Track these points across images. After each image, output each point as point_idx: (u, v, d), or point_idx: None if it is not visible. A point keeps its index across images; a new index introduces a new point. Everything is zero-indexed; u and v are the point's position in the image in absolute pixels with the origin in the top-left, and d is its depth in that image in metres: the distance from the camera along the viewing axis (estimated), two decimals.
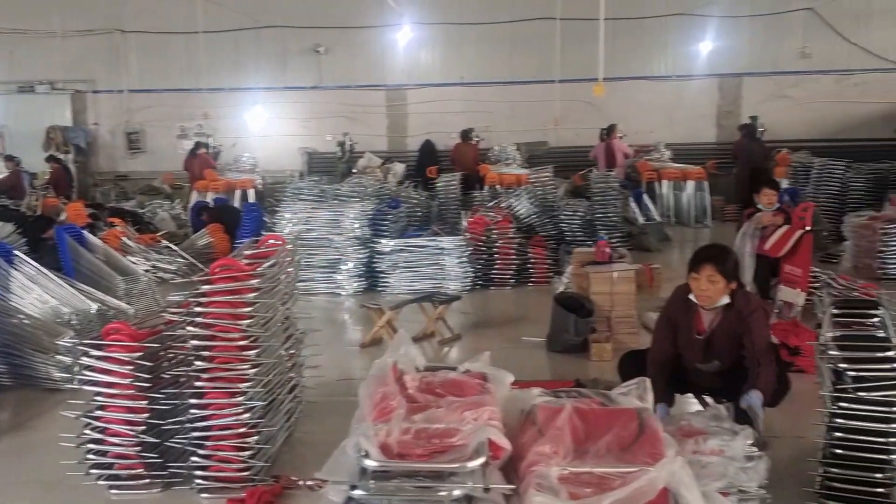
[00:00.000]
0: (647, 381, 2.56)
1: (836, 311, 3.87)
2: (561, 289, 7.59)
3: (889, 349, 3.46)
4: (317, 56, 17.28)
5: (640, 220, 12.26)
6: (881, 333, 3.68)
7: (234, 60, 17.29)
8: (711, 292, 3.81)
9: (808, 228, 6.56)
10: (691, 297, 3.91)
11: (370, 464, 2.12)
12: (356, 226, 9.00)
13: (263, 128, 17.51)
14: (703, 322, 3.93)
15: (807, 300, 6.30)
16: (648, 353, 4.13)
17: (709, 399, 3.58)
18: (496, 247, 9.19)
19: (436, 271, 8.94)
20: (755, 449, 3.12)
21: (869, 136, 15.47)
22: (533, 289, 9.15)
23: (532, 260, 9.35)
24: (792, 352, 5.53)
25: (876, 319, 3.82)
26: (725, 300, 3.85)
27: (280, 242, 4.58)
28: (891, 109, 14.92)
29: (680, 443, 3.09)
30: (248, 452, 3.90)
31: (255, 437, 3.93)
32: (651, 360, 4.04)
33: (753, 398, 3.65)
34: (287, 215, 9.25)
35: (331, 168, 16.47)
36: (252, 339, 3.88)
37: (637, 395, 2.41)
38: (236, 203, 13.43)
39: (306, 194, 10.12)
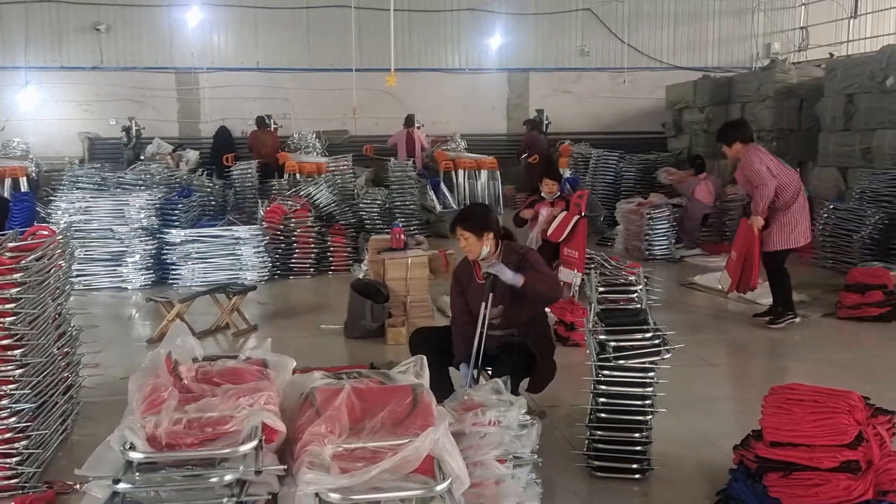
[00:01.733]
0: (424, 359, 2.68)
1: (601, 290, 4.25)
2: (360, 275, 7.67)
3: (643, 322, 3.85)
4: (97, 34, 16.08)
5: (438, 207, 12.65)
6: (638, 307, 4.10)
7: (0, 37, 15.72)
8: (470, 246, 4.20)
9: (582, 214, 7.09)
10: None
11: (135, 455, 2.04)
12: (142, 216, 8.52)
13: (36, 110, 16.06)
14: (479, 271, 4.26)
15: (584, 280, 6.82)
16: (451, 320, 4.36)
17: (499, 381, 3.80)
18: (294, 236, 9.10)
19: (232, 262, 8.69)
20: (528, 417, 3.36)
21: (639, 130, 16.95)
22: (333, 277, 9.16)
23: (331, 248, 9.35)
24: (568, 327, 5.98)
25: (634, 295, 4.25)
26: (486, 250, 4.21)
27: (48, 234, 4.25)
28: (658, 105, 16.43)
29: (461, 416, 3.28)
30: (15, 459, 3.62)
31: (24, 442, 3.65)
32: (453, 324, 4.34)
33: (506, 271, 4.03)
34: (63, 205, 8.56)
35: (116, 155, 15.46)
36: (16, 337, 3.59)
37: (414, 372, 2.52)
38: (5, 193, 12.23)
39: (85, 182, 9.44)
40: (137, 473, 2.08)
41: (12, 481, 3.62)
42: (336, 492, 2.07)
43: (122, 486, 2.05)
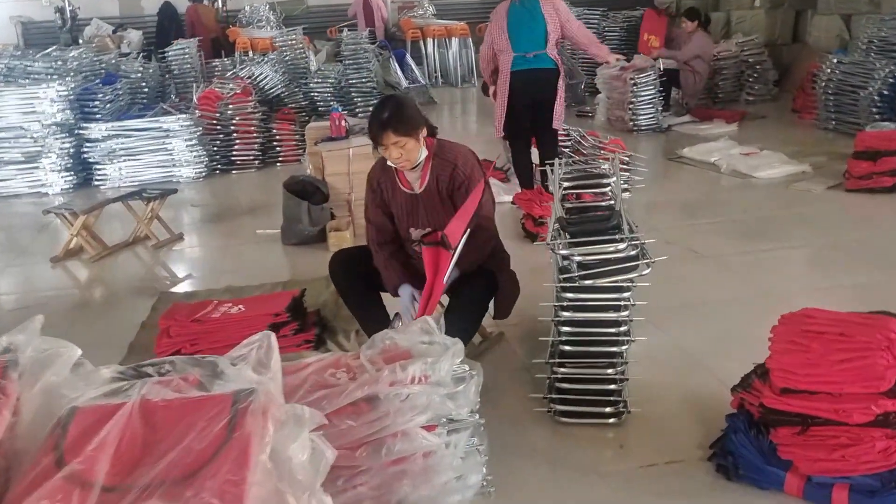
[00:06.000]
0: (273, 337, 1.83)
1: (567, 185, 3.37)
2: (309, 170, 6.72)
3: (616, 228, 3.00)
4: None
5: (404, 83, 11.48)
6: (610, 205, 3.24)
7: None
8: (406, 156, 3.21)
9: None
10: (390, 162, 3.28)
11: None
12: (55, 109, 7.45)
13: None
14: (406, 180, 3.34)
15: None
16: (367, 239, 3.49)
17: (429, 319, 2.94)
18: (233, 124, 8.07)
19: (163, 158, 7.72)
20: (466, 367, 2.58)
21: None
22: (281, 169, 8.20)
23: (278, 137, 8.35)
24: (537, 222, 5.13)
25: (607, 190, 3.38)
26: (423, 154, 3.27)
27: None
28: None
29: (378, 373, 2.49)
30: None
31: None
32: (373, 243, 3.44)
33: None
34: None
35: (52, 39, 14.02)
36: None
37: (256, 360, 1.68)
38: None
39: None
40: None
41: None
42: None
43: None
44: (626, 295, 2.96)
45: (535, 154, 5.97)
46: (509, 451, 2.85)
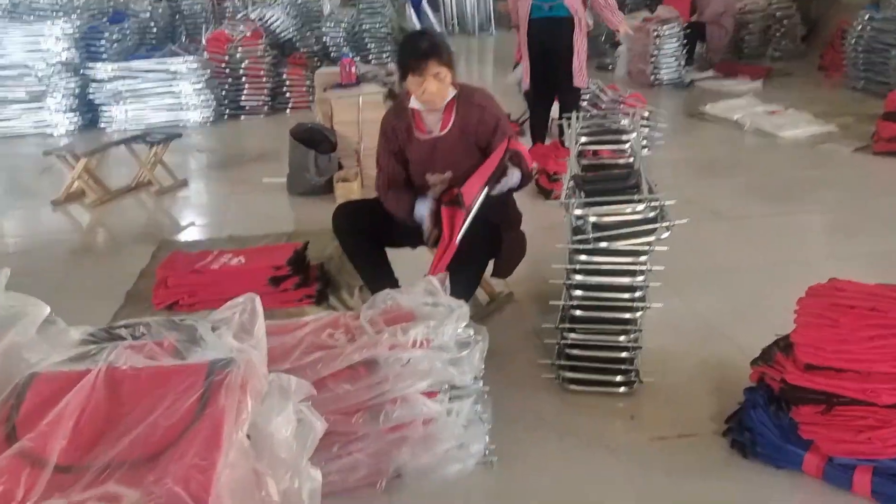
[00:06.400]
0: (257, 300, 1.68)
1: (584, 140, 3.19)
2: (318, 118, 6.52)
3: (635, 187, 2.82)
4: None
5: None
6: (630, 164, 3.06)
7: None
8: (441, 91, 3.05)
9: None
10: (411, 104, 3.12)
11: None
12: (61, 48, 7.26)
13: None
14: (425, 125, 3.18)
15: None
16: (376, 186, 3.32)
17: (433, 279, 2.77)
18: (243, 68, 7.85)
19: (171, 102, 7.54)
20: (471, 332, 2.44)
21: None
22: (291, 116, 8.02)
23: (288, 82, 8.13)
24: (552, 178, 4.94)
25: (626, 146, 3.19)
26: (452, 93, 3.12)
27: None
28: None
29: (378, 335, 2.36)
30: None
31: None
32: (382, 189, 3.26)
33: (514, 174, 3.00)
34: None
35: None
36: None
37: (239, 325, 1.53)
38: None
39: None
40: None
41: None
42: None
43: None
44: (642, 259, 2.79)
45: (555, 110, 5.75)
46: (514, 419, 2.73)
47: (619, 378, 2.86)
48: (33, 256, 4.57)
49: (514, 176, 3.04)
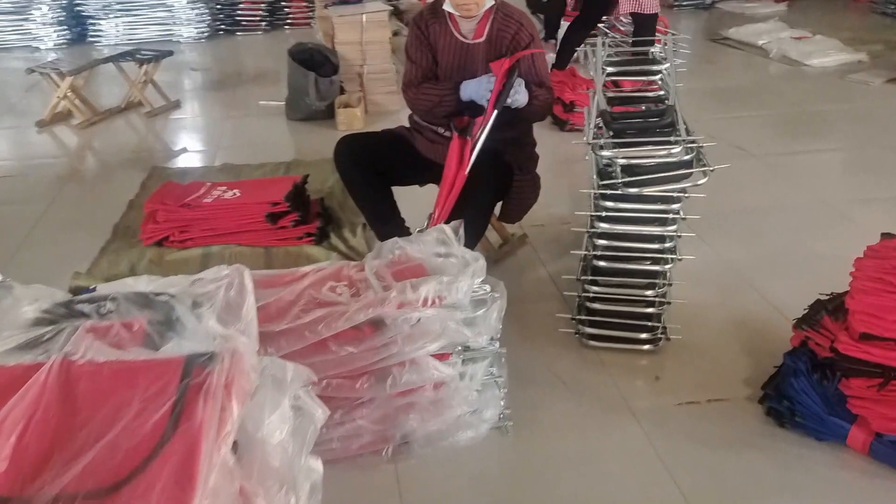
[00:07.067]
0: (247, 273, 1.42)
1: (610, 70, 2.88)
2: (319, 36, 6.12)
3: (670, 126, 2.54)
4: None
5: None
6: (663, 99, 2.77)
7: None
8: None
9: None
10: (446, 6, 2.86)
11: None
12: None
13: None
14: (461, 28, 2.90)
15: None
16: (406, 83, 2.99)
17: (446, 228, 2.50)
18: None
19: (163, 15, 7.11)
20: (487, 287, 2.21)
21: None
22: (290, 33, 7.62)
23: None
24: (567, 107, 4.63)
25: (658, 78, 2.89)
26: (490, 2, 2.85)
27: None
28: None
29: (385, 292, 2.12)
30: None
31: None
32: (412, 84, 2.95)
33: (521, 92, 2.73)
34: None
35: None
36: None
37: (224, 304, 1.28)
38: None
39: None
40: None
41: None
42: None
43: None
44: (675, 207, 2.54)
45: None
46: (528, 378, 2.52)
47: (643, 335, 2.65)
48: (16, 183, 4.30)
49: (520, 93, 2.75)
